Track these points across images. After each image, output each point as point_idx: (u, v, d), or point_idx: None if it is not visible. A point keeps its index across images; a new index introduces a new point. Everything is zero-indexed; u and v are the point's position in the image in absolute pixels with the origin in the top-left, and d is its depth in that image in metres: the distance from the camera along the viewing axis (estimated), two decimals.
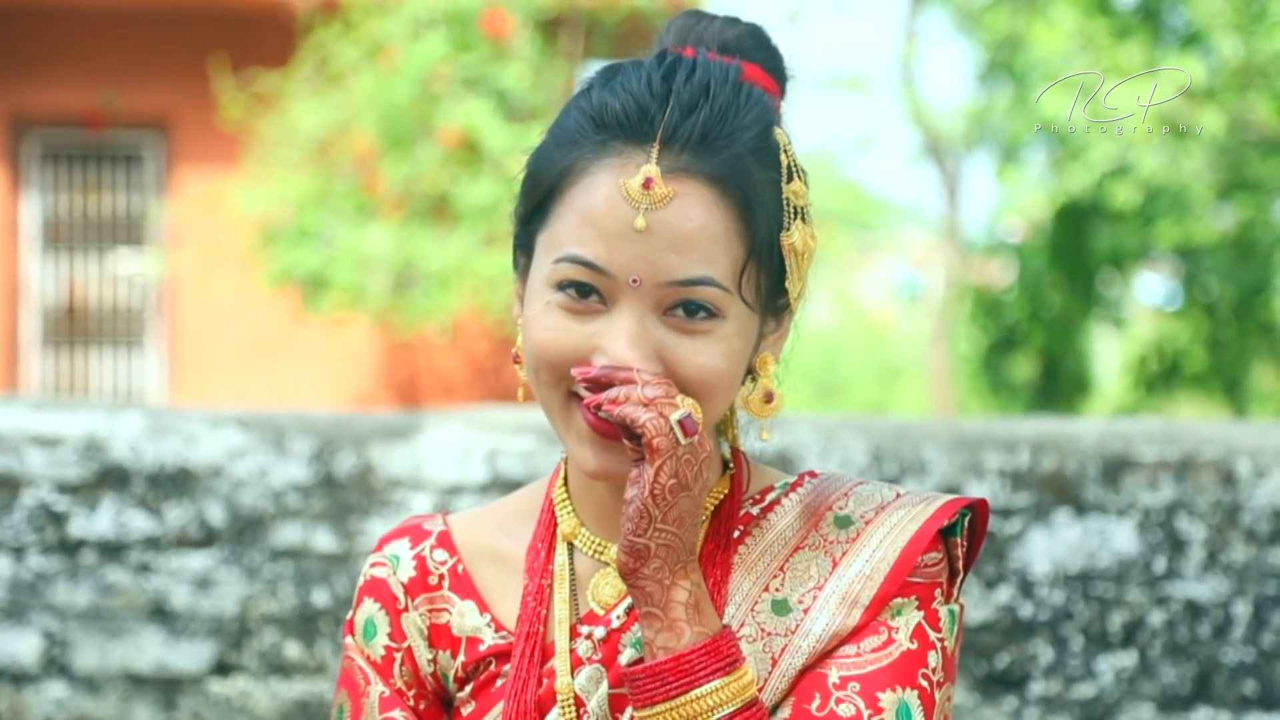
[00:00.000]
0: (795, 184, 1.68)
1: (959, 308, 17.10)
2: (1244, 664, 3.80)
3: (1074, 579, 3.82)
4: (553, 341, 1.64)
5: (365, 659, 1.79)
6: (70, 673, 3.92)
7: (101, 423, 3.96)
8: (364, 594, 1.81)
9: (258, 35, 10.98)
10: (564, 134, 1.67)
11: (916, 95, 18.50)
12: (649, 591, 1.61)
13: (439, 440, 3.93)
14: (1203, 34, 12.92)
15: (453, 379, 11.53)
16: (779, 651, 1.67)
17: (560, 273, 1.63)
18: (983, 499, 1.75)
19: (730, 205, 1.63)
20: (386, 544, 1.83)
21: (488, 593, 1.78)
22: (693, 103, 1.64)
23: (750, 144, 1.65)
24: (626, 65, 1.70)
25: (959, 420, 4.28)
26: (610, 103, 1.64)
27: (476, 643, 1.77)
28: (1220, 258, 14.38)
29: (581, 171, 1.64)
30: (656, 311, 1.62)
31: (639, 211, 1.60)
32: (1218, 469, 3.82)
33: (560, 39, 10.49)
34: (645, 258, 1.60)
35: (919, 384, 21.58)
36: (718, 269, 1.62)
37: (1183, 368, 15.57)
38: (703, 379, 1.63)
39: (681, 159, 1.62)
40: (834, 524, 1.72)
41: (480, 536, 1.81)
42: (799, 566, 1.70)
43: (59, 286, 12.02)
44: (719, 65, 1.68)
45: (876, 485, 1.75)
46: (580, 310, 1.63)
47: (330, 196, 10.02)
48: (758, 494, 1.76)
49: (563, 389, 1.66)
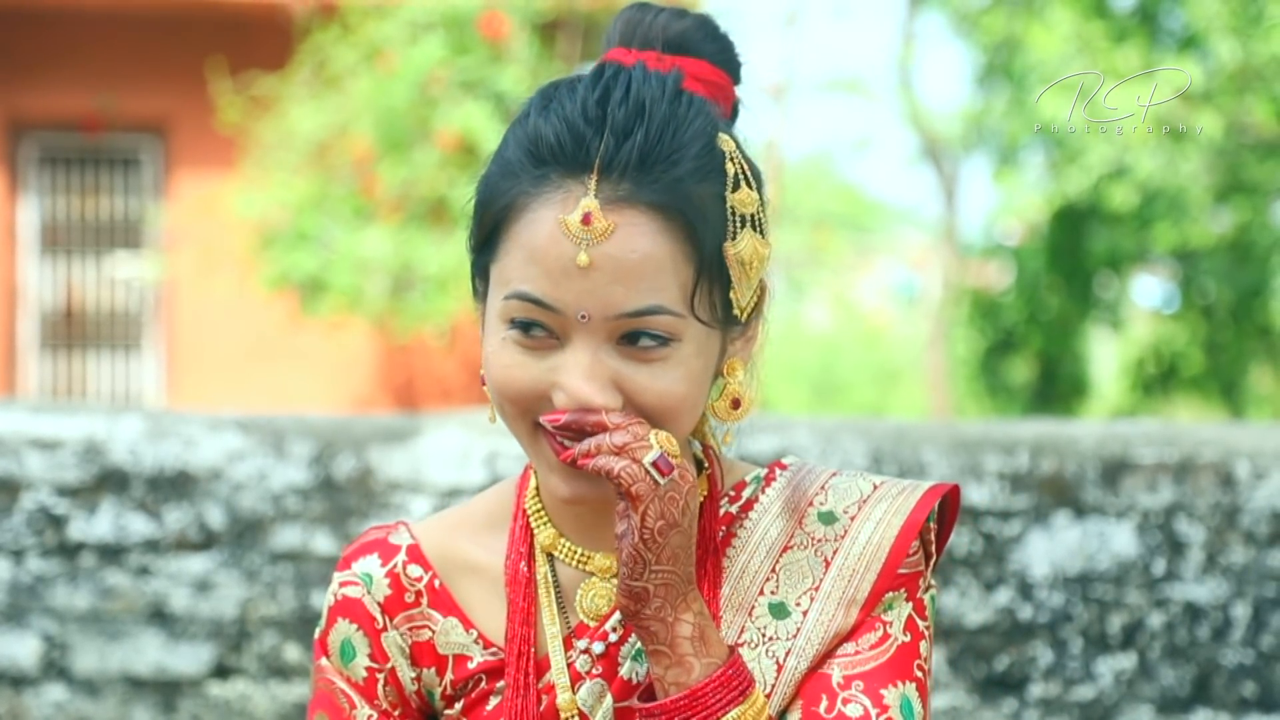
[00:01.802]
0: (742, 192, 1.64)
1: (957, 310, 17.10)
2: (1243, 666, 3.81)
3: (1073, 581, 3.82)
4: (511, 380, 1.63)
5: (346, 681, 1.76)
6: (70, 675, 3.92)
7: (101, 426, 3.96)
8: (337, 614, 1.77)
9: (255, 39, 10.98)
10: (505, 165, 1.64)
11: (914, 98, 18.50)
12: (653, 630, 1.61)
13: (438, 443, 3.93)
14: (1200, 37, 12.93)
15: (451, 382, 11.53)
16: (783, 655, 1.67)
17: (511, 310, 1.61)
18: (955, 485, 1.75)
19: (674, 228, 1.60)
20: (354, 561, 1.78)
21: (469, 607, 1.76)
22: (628, 127, 1.60)
23: (692, 160, 1.61)
24: (562, 87, 1.66)
25: (958, 422, 4.29)
26: (545, 133, 1.61)
27: (465, 660, 1.75)
28: (1217, 260, 14.38)
29: (523, 207, 1.61)
30: (610, 342, 1.60)
31: (581, 247, 1.57)
32: (1217, 471, 3.83)
33: (558, 41, 10.50)
34: (592, 293, 1.58)
35: (917, 386, 21.58)
36: (666, 296, 1.60)
37: (1180, 370, 15.57)
38: (663, 405, 1.61)
39: (621, 188, 1.59)
40: (819, 520, 1.72)
41: (452, 549, 1.78)
42: (791, 567, 1.70)
43: (57, 290, 12.02)
44: (656, 79, 1.64)
45: (850, 476, 1.75)
46: (534, 346, 1.62)
47: (328, 200, 10.02)
48: (733, 491, 1.76)
49: (528, 420, 1.65)
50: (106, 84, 11.44)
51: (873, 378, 23.10)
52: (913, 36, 18.30)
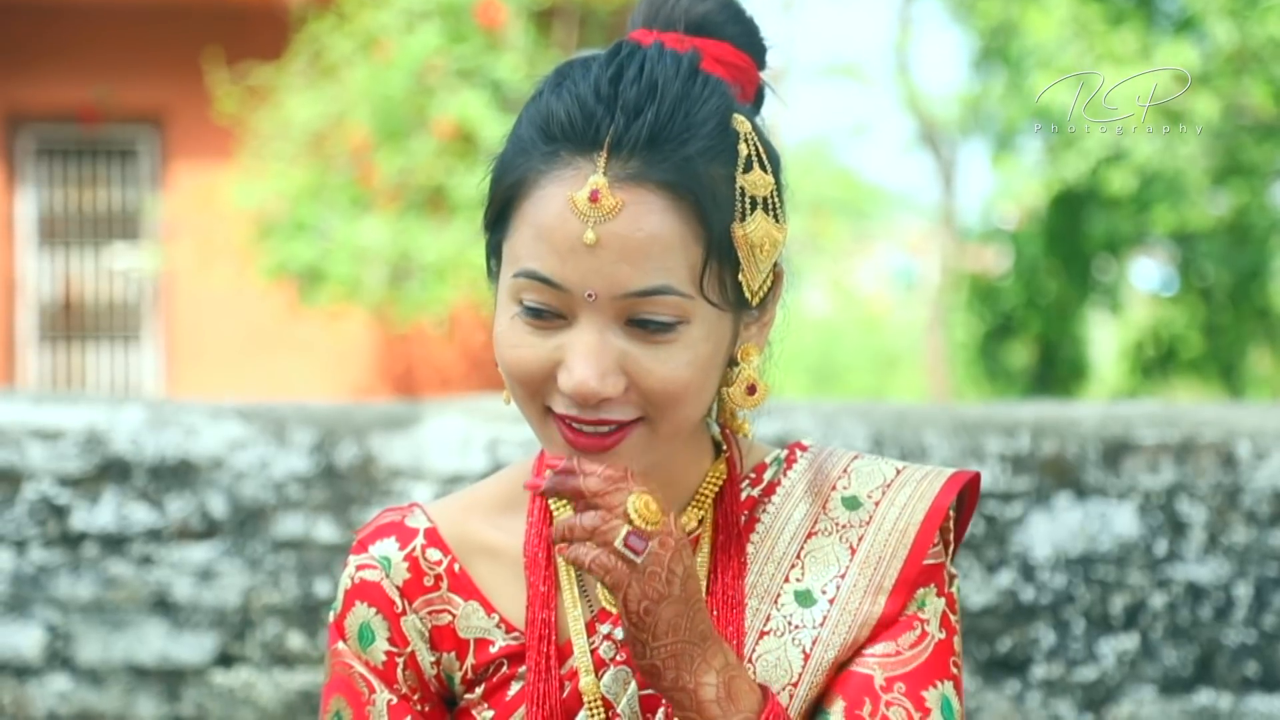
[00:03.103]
0: (754, 174, 1.62)
1: (955, 295, 17.10)
2: (1245, 646, 3.81)
3: (1075, 562, 3.82)
4: (519, 360, 1.62)
5: (365, 665, 1.74)
6: (73, 665, 3.92)
7: (102, 415, 3.96)
8: (354, 597, 1.75)
9: (251, 29, 10.97)
10: (518, 142, 1.63)
11: (911, 83, 18.50)
12: (677, 699, 1.58)
13: (440, 430, 3.93)
14: (1197, 19, 12.92)
15: (450, 371, 11.53)
16: (810, 644, 1.66)
17: (519, 287, 1.60)
18: (977, 472, 1.74)
19: (684, 208, 1.58)
20: (371, 544, 1.76)
21: (489, 591, 1.74)
22: (639, 105, 1.58)
23: (704, 140, 1.60)
24: (576, 66, 1.65)
25: (959, 405, 4.28)
26: (556, 110, 1.60)
27: (487, 644, 1.73)
28: (1216, 243, 14.38)
29: (533, 184, 1.60)
30: (618, 322, 1.59)
31: (588, 225, 1.56)
32: (1218, 451, 3.83)
33: (554, 29, 10.48)
34: (599, 271, 1.57)
35: (915, 372, 21.59)
36: (675, 276, 1.58)
37: (1179, 353, 15.57)
38: (666, 390, 1.60)
39: (630, 166, 1.57)
40: (842, 505, 1.71)
41: (470, 532, 1.76)
42: (817, 554, 1.69)
43: (55, 282, 12.02)
44: (671, 57, 1.62)
45: (872, 460, 1.74)
46: (542, 326, 1.60)
47: (325, 189, 10.01)
48: (753, 473, 1.74)
49: (538, 403, 1.64)
50: (103, 75, 11.43)
51: (871, 363, 23.11)
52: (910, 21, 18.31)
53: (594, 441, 1.61)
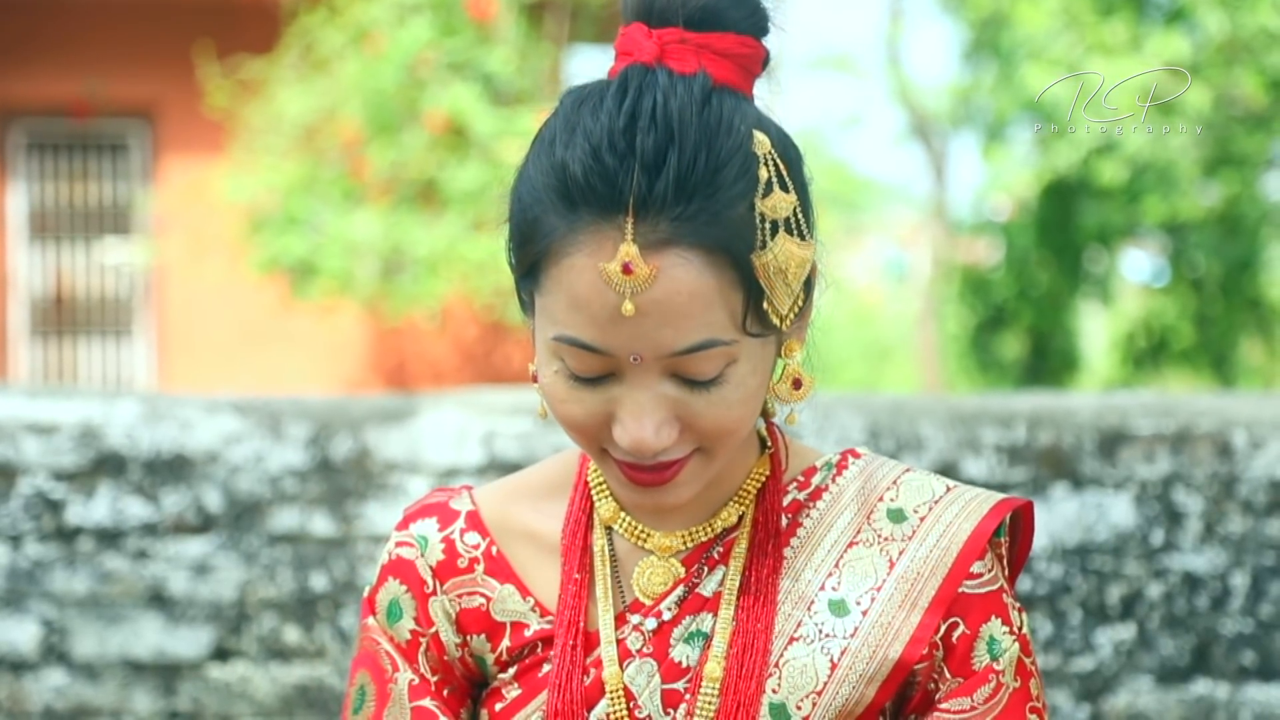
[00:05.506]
0: (774, 197, 1.57)
1: (947, 287, 17.11)
2: (1242, 635, 3.81)
3: (1072, 553, 3.82)
4: (571, 416, 1.60)
5: (390, 642, 1.74)
6: (69, 660, 3.91)
7: (97, 410, 3.95)
8: (388, 572, 1.75)
9: (242, 22, 10.95)
10: (534, 195, 1.57)
11: (902, 74, 18.51)
12: None
13: (435, 423, 3.92)
14: (1188, 10, 12.93)
15: (442, 364, 11.52)
16: (838, 654, 1.64)
17: (560, 349, 1.57)
18: (1029, 500, 1.72)
19: (718, 260, 1.54)
20: (413, 522, 1.76)
21: (525, 575, 1.73)
22: (659, 157, 1.51)
23: (730, 185, 1.54)
24: (585, 106, 1.56)
25: (954, 396, 4.28)
26: (573, 169, 1.53)
27: (522, 628, 1.71)
28: (1207, 233, 14.40)
29: (560, 253, 1.55)
30: (665, 375, 1.56)
31: (625, 297, 1.52)
32: (1214, 441, 3.83)
33: (546, 22, 10.47)
34: (641, 337, 1.54)
35: (908, 364, 21.60)
36: (717, 328, 1.55)
37: (1171, 344, 15.59)
38: (721, 428, 1.59)
39: (660, 230, 1.52)
40: (887, 518, 1.69)
41: (511, 515, 1.75)
42: (855, 565, 1.67)
43: (46, 276, 12.00)
44: (684, 90, 1.54)
45: (924, 475, 1.72)
46: (590, 383, 1.58)
47: (317, 183, 9.99)
48: (801, 476, 1.72)
49: (595, 446, 1.62)
50: (94, 69, 11.41)
51: (864, 355, 23.12)
52: (900, 13, 18.31)
53: (653, 476, 1.60)
